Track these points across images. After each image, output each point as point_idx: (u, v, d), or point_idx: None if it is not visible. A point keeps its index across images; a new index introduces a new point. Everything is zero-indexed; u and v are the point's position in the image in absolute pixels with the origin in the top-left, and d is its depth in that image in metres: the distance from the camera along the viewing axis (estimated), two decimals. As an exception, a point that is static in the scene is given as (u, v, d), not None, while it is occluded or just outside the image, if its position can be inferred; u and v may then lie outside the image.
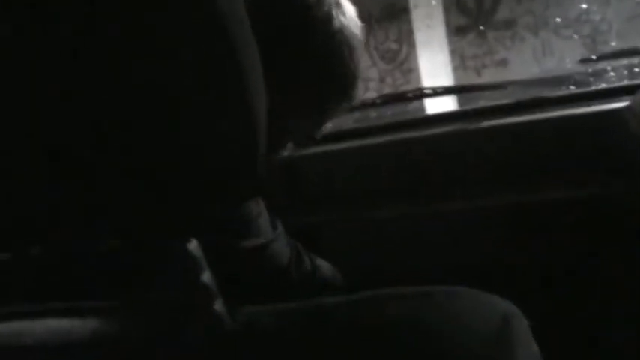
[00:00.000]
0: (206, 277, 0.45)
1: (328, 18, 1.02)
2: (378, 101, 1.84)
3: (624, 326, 1.36)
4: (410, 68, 10.91)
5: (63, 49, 0.39)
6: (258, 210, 0.99)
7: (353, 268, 1.54)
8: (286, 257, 1.04)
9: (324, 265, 1.19)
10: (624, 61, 1.79)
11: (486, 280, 0.85)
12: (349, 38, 1.05)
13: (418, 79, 9.12)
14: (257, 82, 0.45)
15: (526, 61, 10.25)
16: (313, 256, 1.15)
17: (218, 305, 0.45)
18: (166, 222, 0.45)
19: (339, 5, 1.06)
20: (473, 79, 10.19)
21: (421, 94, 1.82)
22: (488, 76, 10.29)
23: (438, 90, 1.77)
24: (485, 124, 1.51)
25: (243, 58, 0.43)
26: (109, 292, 0.48)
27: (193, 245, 0.45)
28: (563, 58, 9.49)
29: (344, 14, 1.06)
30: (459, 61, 10.76)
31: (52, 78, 0.39)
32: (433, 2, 8.83)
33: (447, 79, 8.56)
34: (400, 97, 1.82)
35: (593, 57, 1.76)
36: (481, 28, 10.71)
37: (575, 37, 9.98)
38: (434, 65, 8.71)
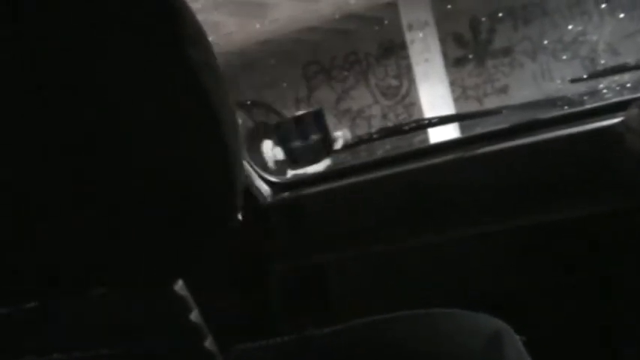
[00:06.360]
0: (194, 316, 0.46)
1: None
2: (376, 136, 1.86)
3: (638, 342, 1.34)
4: (411, 102, 10.98)
5: (37, 95, 0.40)
6: None
7: (361, 304, 1.54)
8: None
9: None
10: (616, 78, 1.80)
11: (497, 306, 0.85)
12: None
13: (420, 112, 9.18)
14: (230, 122, 0.46)
15: (526, 86, 10.31)
16: None
17: (209, 344, 0.46)
18: (149, 266, 0.46)
19: None
20: (475, 109, 10.23)
21: (417, 125, 1.84)
22: (490, 104, 10.34)
23: (434, 120, 1.79)
24: (484, 149, 1.52)
25: (215, 101, 0.45)
26: (101, 341, 0.48)
27: (179, 286, 0.46)
28: (562, 80, 9.54)
29: None
30: (460, 91, 10.84)
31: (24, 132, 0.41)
32: (428, 36, 8.90)
33: (448, 111, 8.59)
34: (397, 131, 1.84)
35: (584, 76, 1.77)
36: (470, 56, 10.82)
37: (573, 58, 10.04)
38: (435, 98, 8.76)
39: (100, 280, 0.45)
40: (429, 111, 8.58)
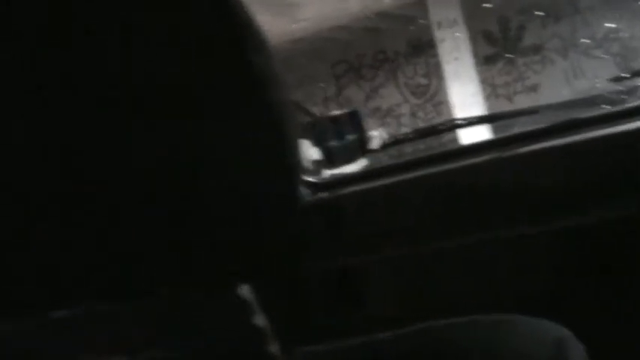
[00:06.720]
0: (259, 319, 0.46)
1: None
2: (411, 136, 1.85)
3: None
4: (440, 101, 10.92)
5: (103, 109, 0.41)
6: None
7: (402, 305, 1.53)
8: None
9: None
10: (656, 77, 1.77)
11: (537, 307, 0.84)
12: None
13: (449, 111, 9.12)
14: (292, 127, 0.47)
15: (557, 84, 10.20)
16: None
17: (273, 347, 0.46)
18: (216, 270, 0.46)
19: None
20: (505, 107, 10.14)
21: (453, 125, 1.82)
22: (521, 102, 10.25)
23: (471, 120, 1.77)
24: (523, 150, 1.51)
25: (278, 106, 0.45)
26: (165, 341, 0.49)
27: (244, 290, 0.47)
28: (594, 78, 9.43)
29: None
30: (489, 90, 10.75)
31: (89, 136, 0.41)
32: (458, 34, 8.84)
33: (478, 109, 8.52)
34: (433, 131, 1.83)
35: (626, 75, 1.74)
36: (506, 55, 10.73)
37: (606, 56, 9.92)
38: (465, 96, 8.70)
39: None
40: (460, 110, 8.52)
